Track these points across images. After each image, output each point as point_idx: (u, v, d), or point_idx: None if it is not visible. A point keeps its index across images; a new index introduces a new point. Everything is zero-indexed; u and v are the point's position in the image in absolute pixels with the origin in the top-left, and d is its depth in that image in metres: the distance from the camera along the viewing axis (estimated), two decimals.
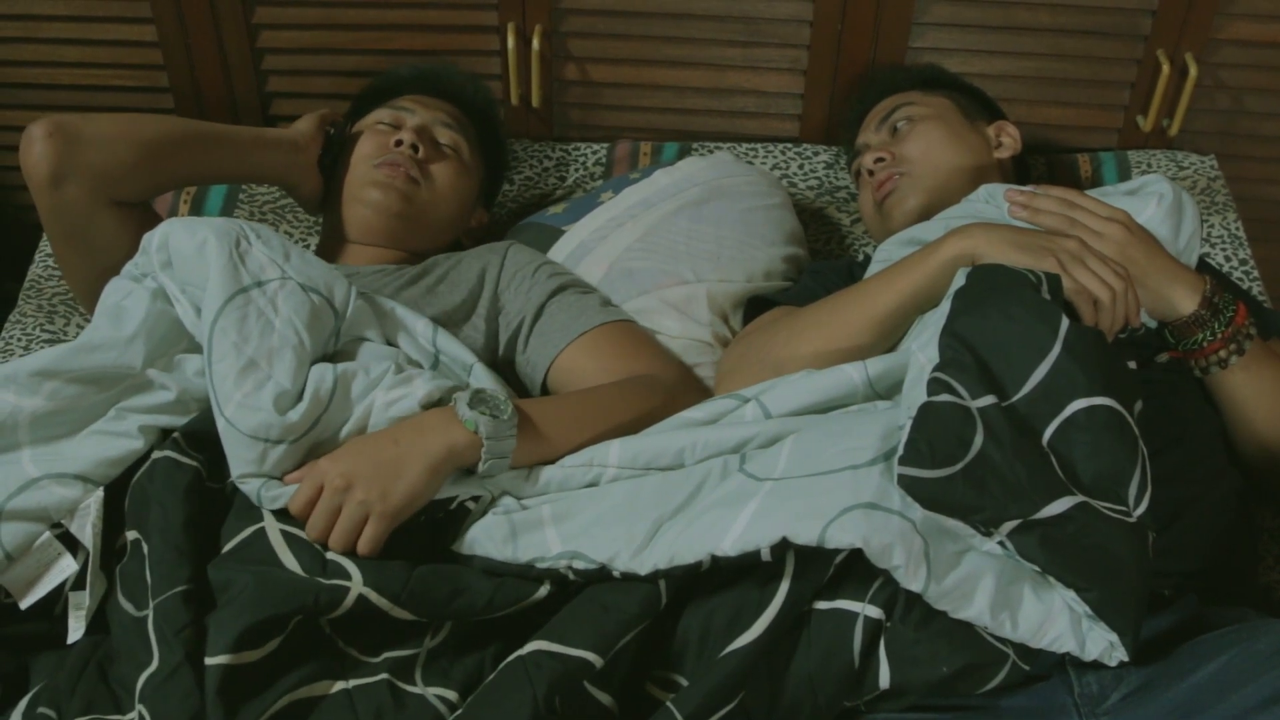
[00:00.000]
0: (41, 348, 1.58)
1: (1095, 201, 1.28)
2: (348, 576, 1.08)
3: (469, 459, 1.15)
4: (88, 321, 1.63)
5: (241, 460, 1.13)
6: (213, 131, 1.49)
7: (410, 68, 1.72)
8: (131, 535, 1.13)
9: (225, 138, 1.49)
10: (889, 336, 1.24)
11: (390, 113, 1.59)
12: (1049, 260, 1.17)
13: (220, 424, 1.13)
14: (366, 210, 1.51)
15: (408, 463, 1.12)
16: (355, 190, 1.52)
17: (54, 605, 1.16)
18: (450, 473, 1.15)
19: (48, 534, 1.14)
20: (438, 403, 1.19)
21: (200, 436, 1.18)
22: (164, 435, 1.20)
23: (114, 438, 1.18)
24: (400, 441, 1.14)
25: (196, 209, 1.78)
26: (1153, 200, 1.33)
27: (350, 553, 1.11)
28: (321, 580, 1.07)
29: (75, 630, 1.14)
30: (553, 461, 1.21)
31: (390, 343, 1.31)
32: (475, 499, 1.16)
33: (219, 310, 1.17)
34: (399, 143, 1.53)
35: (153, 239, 1.25)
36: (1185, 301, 1.26)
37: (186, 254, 1.21)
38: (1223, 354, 1.26)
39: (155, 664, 1.03)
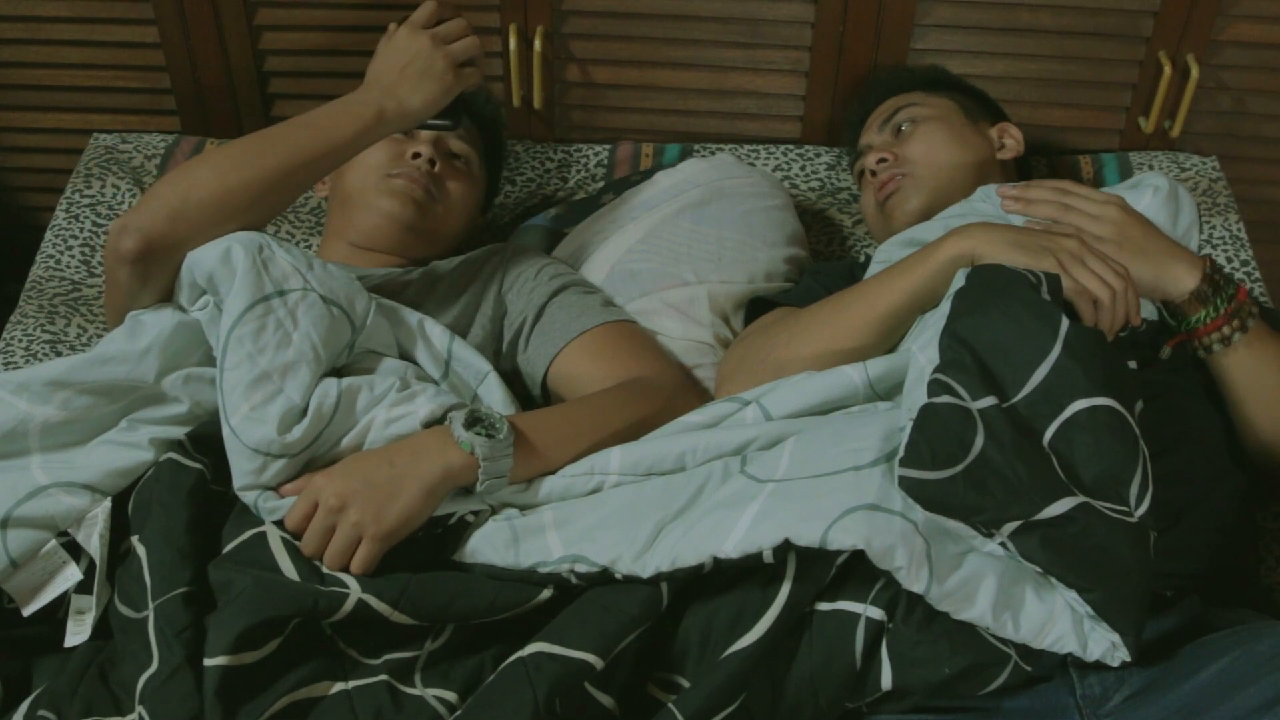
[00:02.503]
0: (42, 349, 1.59)
1: (1089, 189, 1.28)
2: (345, 585, 1.08)
3: (466, 480, 1.15)
4: (88, 323, 1.63)
5: (242, 471, 1.13)
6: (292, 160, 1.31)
7: None
8: (133, 539, 1.13)
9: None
10: (889, 337, 1.24)
11: None
12: (1048, 260, 1.17)
13: (225, 431, 1.14)
14: (379, 219, 1.48)
15: (403, 485, 1.12)
16: (367, 198, 1.49)
17: (57, 609, 1.16)
18: (446, 494, 1.15)
19: (54, 542, 1.14)
20: (439, 420, 1.19)
21: (206, 440, 1.18)
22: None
23: (124, 449, 1.18)
24: (395, 463, 1.13)
25: None
26: (1148, 191, 1.34)
27: (345, 569, 1.11)
28: (320, 586, 1.07)
29: (74, 635, 1.14)
30: (553, 472, 1.21)
31: (404, 353, 1.30)
32: (475, 513, 1.16)
33: (238, 317, 1.16)
34: (416, 155, 1.50)
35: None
36: (1187, 277, 1.25)
37: (211, 263, 1.19)
38: (1226, 330, 1.25)
39: (155, 665, 1.04)
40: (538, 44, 1.79)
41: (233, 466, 1.14)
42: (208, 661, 1.02)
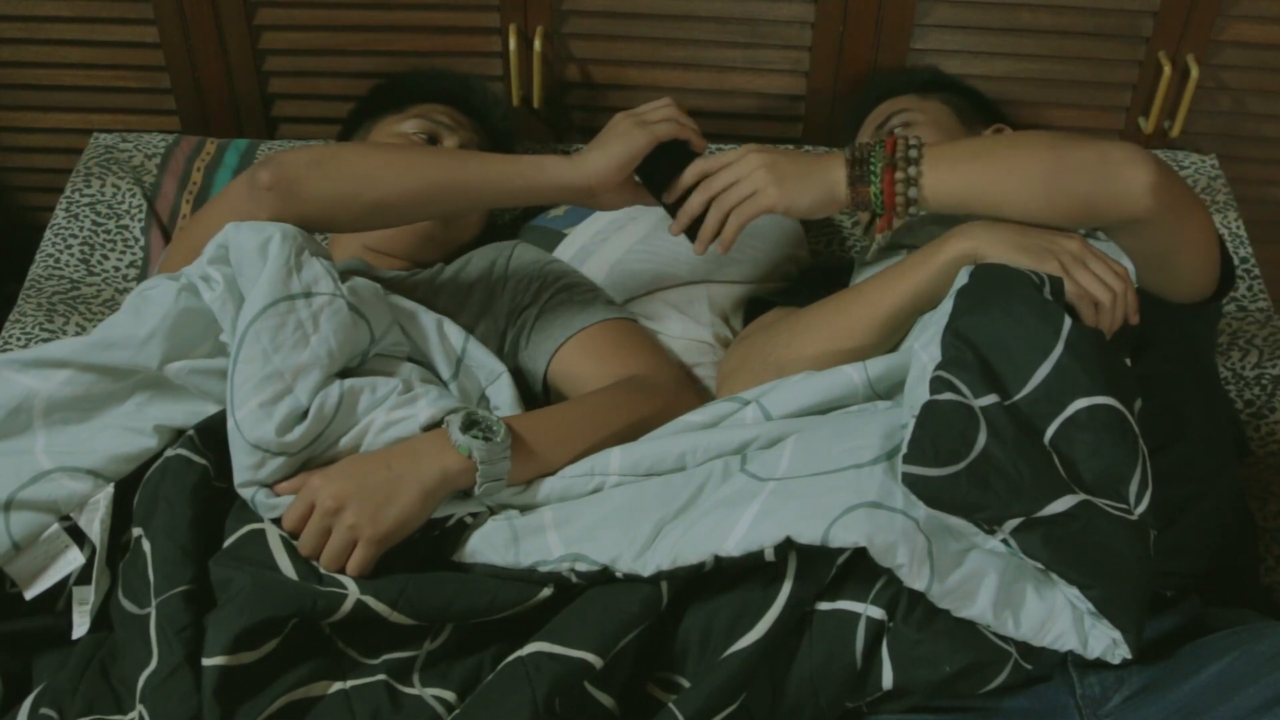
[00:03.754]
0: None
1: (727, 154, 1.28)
2: (344, 585, 1.08)
3: (463, 483, 1.15)
4: (86, 321, 1.63)
5: (242, 466, 1.13)
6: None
7: (437, 72, 1.71)
8: (136, 532, 1.14)
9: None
10: (890, 337, 1.24)
11: (426, 124, 1.56)
12: (1051, 262, 1.17)
13: (229, 423, 1.13)
14: (404, 227, 1.47)
15: (400, 488, 1.12)
16: None
17: (56, 600, 1.16)
18: (444, 497, 1.15)
19: (56, 526, 1.14)
20: (438, 424, 1.18)
21: (214, 434, 1.17)
22: (179, 435, 1.19)
23: (129, 434, 1.17)
24: (393, 466, 1.13)
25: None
26: None
27: (342, 571, 1.11)
28: (319, 587, 1.07)
29: (79, 626, 1.14)
30: (551, 473, 1.21)
31: (417, 353, 1.30)
32: (473, 515, 1.16)
33: (259, 312, 1.15)
34: None
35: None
36: (837, 168, 1.24)
37: (248, 249, 1.19)
38: (901, 174, 1.22)
39: (155, 663, 1.04)
40: (538, 44, 1.79)
41: (234, 460, 1.13)
42: (206, 661, 1.01)
